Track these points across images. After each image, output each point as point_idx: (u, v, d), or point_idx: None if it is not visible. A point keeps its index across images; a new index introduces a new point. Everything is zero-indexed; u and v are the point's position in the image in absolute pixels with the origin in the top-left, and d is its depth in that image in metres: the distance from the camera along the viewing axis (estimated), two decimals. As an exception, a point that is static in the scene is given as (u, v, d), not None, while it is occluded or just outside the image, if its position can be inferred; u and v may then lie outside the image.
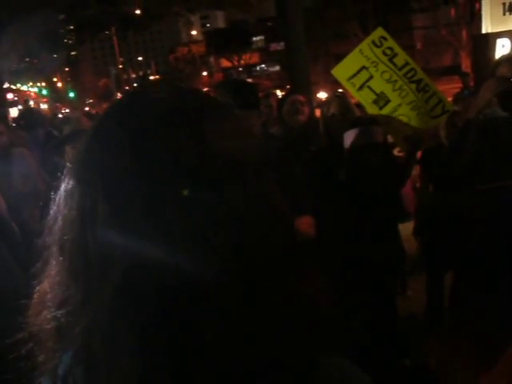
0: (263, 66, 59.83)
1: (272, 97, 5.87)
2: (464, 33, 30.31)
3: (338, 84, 4.25)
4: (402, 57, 4.01)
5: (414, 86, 3.98)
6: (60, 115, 22.87)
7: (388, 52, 4.00)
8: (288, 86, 8.15)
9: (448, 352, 3.00)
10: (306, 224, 2.43)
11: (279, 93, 14.21)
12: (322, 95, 16.12)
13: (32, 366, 0.67)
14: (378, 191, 3.32)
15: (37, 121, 6.51)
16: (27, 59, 33.04)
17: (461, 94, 8.33)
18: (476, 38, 7.04)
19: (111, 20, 21.68)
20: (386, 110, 3.97)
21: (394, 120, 3.92)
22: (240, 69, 57.08)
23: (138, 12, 20.15)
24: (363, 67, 4.00)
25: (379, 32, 4.07)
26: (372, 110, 3.99)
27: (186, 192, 0.61)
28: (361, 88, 4.00)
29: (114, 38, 45.69)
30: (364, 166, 3.30)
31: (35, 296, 0.69)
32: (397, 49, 4.02)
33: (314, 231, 2.45)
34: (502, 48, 5.79)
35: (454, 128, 3.90)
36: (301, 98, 4.37)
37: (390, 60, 3.99)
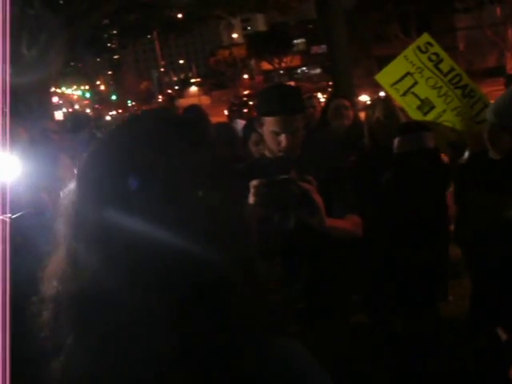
0: (304, 68, 59.78)
1: (314, 99, 5.89)
2: (510, 32, 29.68)
3: (379, 87, 4.24)
4: (447, 62, 3.98)
5: (459, 91, 3.94)
6: (108, 117, 23.37)
7: (433, 58, 3.98)
8: (330, 89, 8.15)
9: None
10: (353, 223, 2.44)
11: (320, 96, 14.21)
12: (364, 98, 16.03)
13: (40, 323, 0.80)
14: (426, 194, 3.32)
15: (82, 123, 6.68)
16: (72, 63, 33.78)
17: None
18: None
19: (153, 24, 21.97)
20: (430, 116, 3.95)
21: (439, 126, 3.90)
22: (281, 71, 57.16)
23: (179, 16, 20.36)
24: (408, 73, 3.99)
25: (425, 38, 4.05)
26: (416, 115, 3.97)
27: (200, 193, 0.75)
28: (405, 94, 3.99)
29: (156, 42, 46.32)
30: (415, 170, 3.30)
31: (46, 269, 0.83)
32: (442, 54, 3.99)
33: (362, 231, 2.46)
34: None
35: None
36: (345, 102, 4.39)
37: (436, 66, 3.97)
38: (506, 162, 4.05)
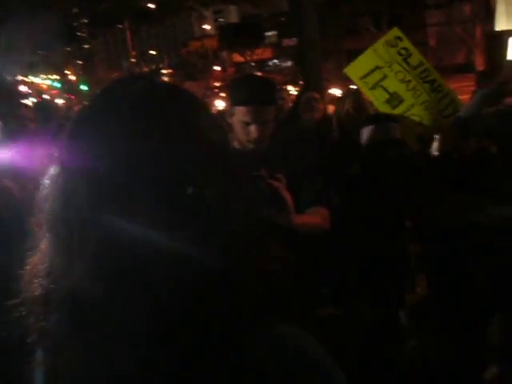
0: (275, 61, 59.62)
1: (284, 91, 5.91)
2: (478, 30, 30.06)
3: (349, 80, 4.27)
4: (416, 57, 4.02)
5: (427, 86, 3.99)
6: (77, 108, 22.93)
7: (403, 52, 4.02)
8: (300, 82, 8.16)
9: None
10: (321, 217, 2.46)
11: (291, 88, 14.19)
12: (334, 91, 16.09)
13: (23, 328, 0.75)
14: (393, 186, 3.36)
15: (51, 114, 6.57)
16: (40, 52, 33.19)
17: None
18: (489, 36, 7.02)
19: (125, 14, 21.72)
20: (398, 110, 4.00)
21: (406, 120, 3.94)
22: (252, 64, 56.94)
23: (151, 6, 20.17)
24: (377, 67, 4.02)
25: (394, 32, 4.09)
26: (384, 109, 4.01)
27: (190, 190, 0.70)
28: (374, 87, 4.02)
29: (127, 32, 45.76)
30: (382, 160, 3.33)
31: (27, 267, 0.79)
32: (411, 49, 4.03)
33: (329, 223, 2.48)
34: (515, 46, 5.77)
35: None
36: (315, 95, 4.41)
37: (405, 60, 4.01)
38: (471, 163, 4.14)
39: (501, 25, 6.10)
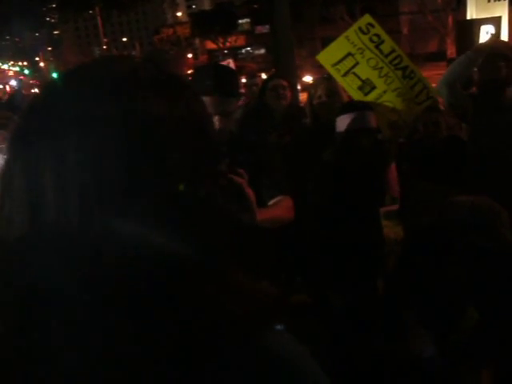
0: (248, 48, 59.51)
1: (258, 78, 5.86)
2: (450, 19, 30.39)
3: (323, 68, 4.25)
4: (388, 44, 4.02)
5: (399, 72, 4.00)
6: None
7: (375, 39, 4.01)
8: (273, 69, 8.12)
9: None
10: (285, 207, 2.42)
11: (264, 76, 14.14)
12: (307, 79, 16.12)
13: None
14: (367, 173, 3.36)
15: (18, 100, 6.46)
16: (8, 37, 32.55)
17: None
18: (460, 24, 7.07)
19: (95, -1, 21.41)
20: (371, 97, 4.00)
21: (379, 106, 3.95)
22: (225, 51, 56.76)
23: (122, -9, 19.91)
24: (349, 53, 4.01)
25: (366, 19, 4.07)
26: (357, 95, 4.01)
27: (181, 187, 0.65)
28: (346, 74, 4.02)
29: (98, 18, 45.14)
30: (357, 149, 3.34)
31: None
32: (383, 36, 4.03)
33: (293, 214, 2.45)
34: (486, 35, 5.82)
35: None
36: (283, 82, 4.36)
37: (377, 47, 4.01)
38: (445, 148, 4.18)
39: (472, 14, 6.16)
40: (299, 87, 9.03)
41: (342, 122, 3.36)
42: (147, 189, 0.64)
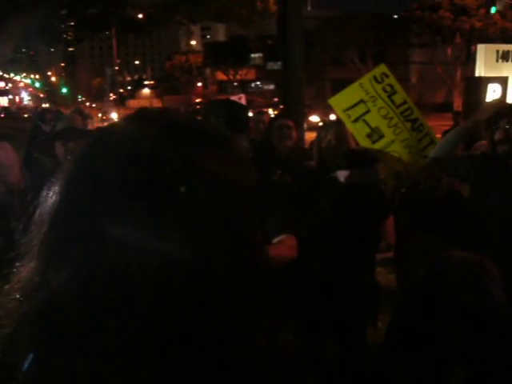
0: (258, 83, 60.08)
1: (265, 115, 5.89)
2: (458, 73, 30.80)
3: (330, 109, 4.28)
4: (400, 95, 4.05)
5: (409, 124, 4.02)
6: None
7: (388, 89, 4.04)
8: (281, 106, 8.18)
9: None
10: (289, 246, 2.41)
11: (271, 112, 14.26)
12: (315, 119, 16.24)
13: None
14: (363, 222, 3.34)
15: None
16: (24, 50, 32.89)
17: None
18: (469, 80, 7.15)
19: (113, 21, 21.67)
20: (378, 145, 4.00)
21: (386, 155, 3.95)
22: (235, 83, 57.27)
23: (140, 16, 20.16)
24: (361, 100, 4.03)
25: (382, 68, 4.11)
26: (365, 143, 4.01)
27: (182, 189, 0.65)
28: (356, 120, 4.02)
29: (114, 39, 45.65)
30: (355, 204, 3.31)
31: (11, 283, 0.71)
32: (397, 87, 4.06)
33: (297, 252, 2.44)
34: (493, 93, 5.89)
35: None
36: (289, 122, 4.36)
37: (389, 97, 4.03)
38: (444, 203, 4.17)
39: (480, 71, 6.23)
40: (305, 126, 9.08)
41: (350, 175, 3.34)
42: None
